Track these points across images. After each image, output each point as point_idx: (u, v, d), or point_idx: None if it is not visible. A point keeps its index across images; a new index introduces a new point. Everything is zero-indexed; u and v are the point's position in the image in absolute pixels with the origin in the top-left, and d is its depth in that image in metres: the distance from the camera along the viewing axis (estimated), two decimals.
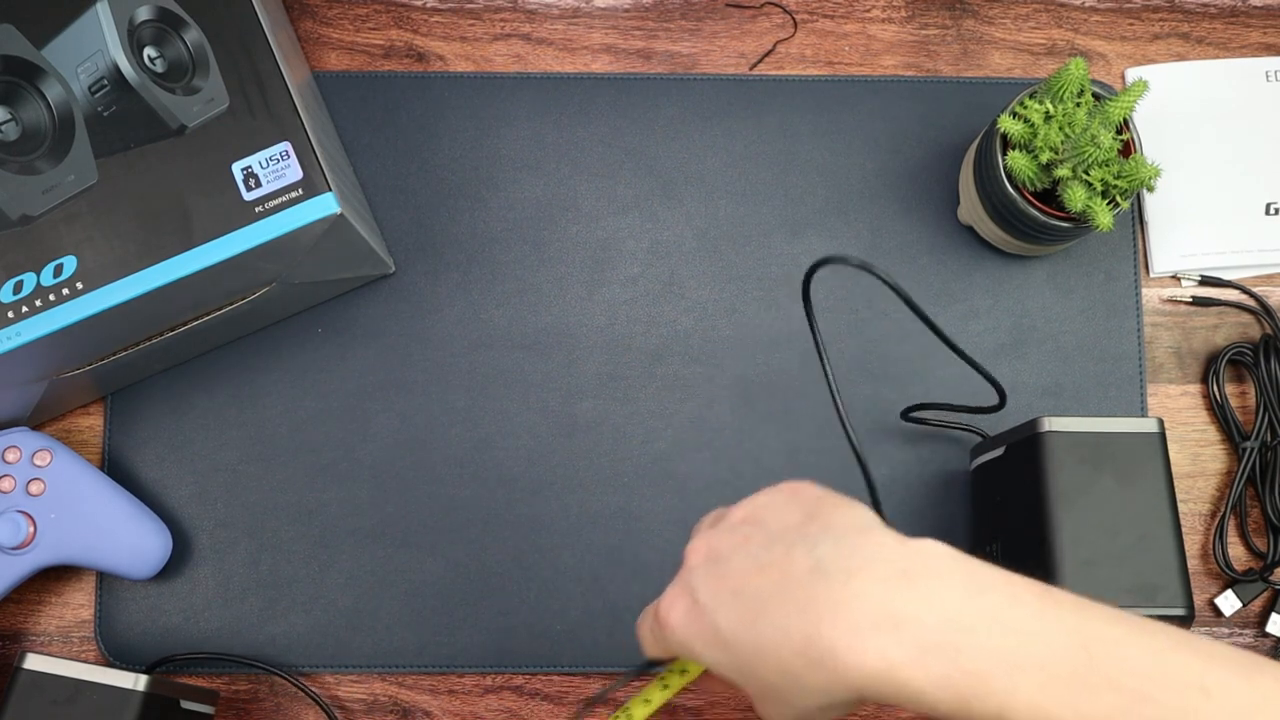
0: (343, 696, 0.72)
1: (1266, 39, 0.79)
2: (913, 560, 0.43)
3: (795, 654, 0.43)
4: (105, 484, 0.70)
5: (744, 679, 0.46)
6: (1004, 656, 0.40)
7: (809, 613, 0.42)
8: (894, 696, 0.41)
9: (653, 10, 0.79)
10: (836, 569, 0.43)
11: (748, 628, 0.45)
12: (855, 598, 0.42)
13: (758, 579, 0.45)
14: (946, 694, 0.40)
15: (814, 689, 0.43)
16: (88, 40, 0.64)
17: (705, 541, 0.49)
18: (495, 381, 0.74)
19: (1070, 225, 0.67)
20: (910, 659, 0.41)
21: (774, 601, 0.44)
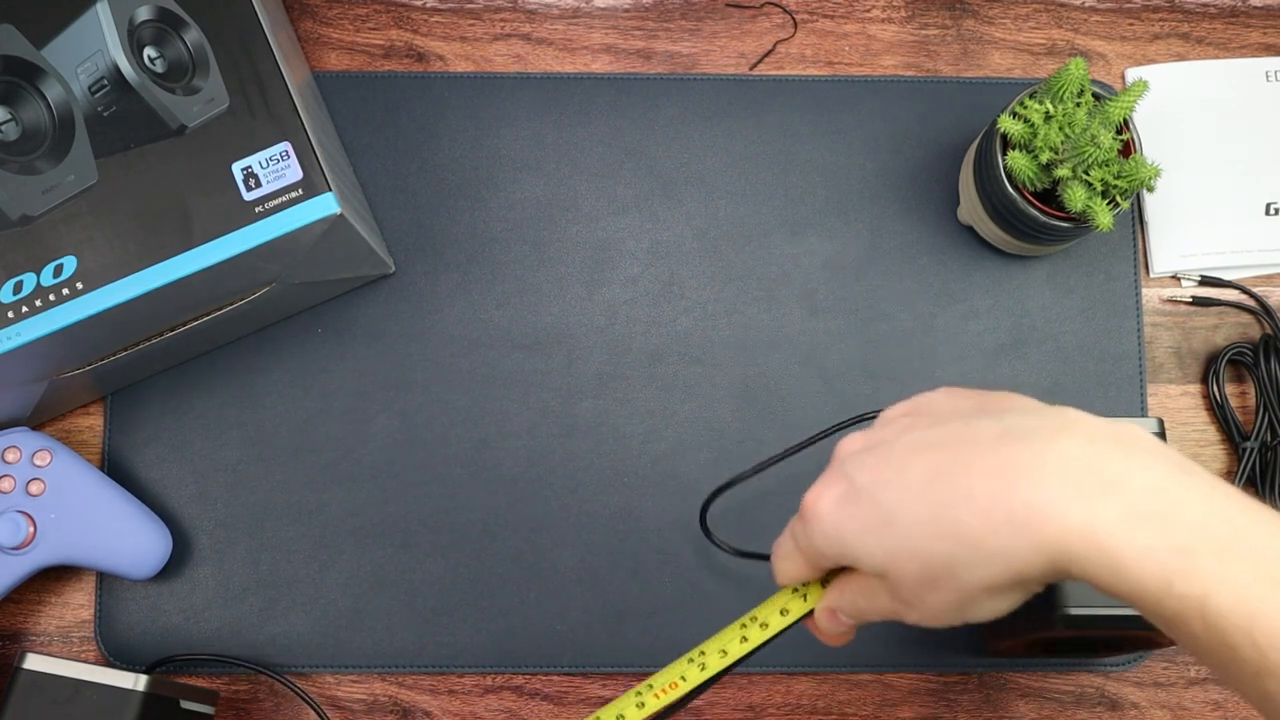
0: (343, 696, 0.72)
1: (1266, 39, 0.79)
2: (1119, 432, 0.40)
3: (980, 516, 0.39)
4: (105, 484, 0.70)
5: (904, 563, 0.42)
6: (1216, 541, 0.37)
7: (1000, 474, 0.39)
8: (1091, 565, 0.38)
9: (653, 10, 0.79)
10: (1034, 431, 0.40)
11: (919, 498, 0.41)
12: (1061, 457, 0.39)
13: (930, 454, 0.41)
14: (1150, 569, 0.37)
15: (996, 555, 0.39)
16: (88, 40, 0.64)
17: (861, 435, 0.45)
18: (495, 381, 0.74)
19: (1070, 225, 0.67)
20: (1118, 523, 0.37)
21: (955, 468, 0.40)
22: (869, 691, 0.72)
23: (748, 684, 0.72)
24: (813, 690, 0.72)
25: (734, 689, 0.72)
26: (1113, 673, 0.73)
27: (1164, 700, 0.72)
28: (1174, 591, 0.37)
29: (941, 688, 0.72)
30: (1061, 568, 0.39)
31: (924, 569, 0.42)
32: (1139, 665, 0.72)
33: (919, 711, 0.72)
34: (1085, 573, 0.39)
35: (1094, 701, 0.72)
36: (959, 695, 0.72)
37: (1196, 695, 0.72)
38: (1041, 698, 0.72)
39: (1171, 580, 0.37)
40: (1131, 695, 0.72)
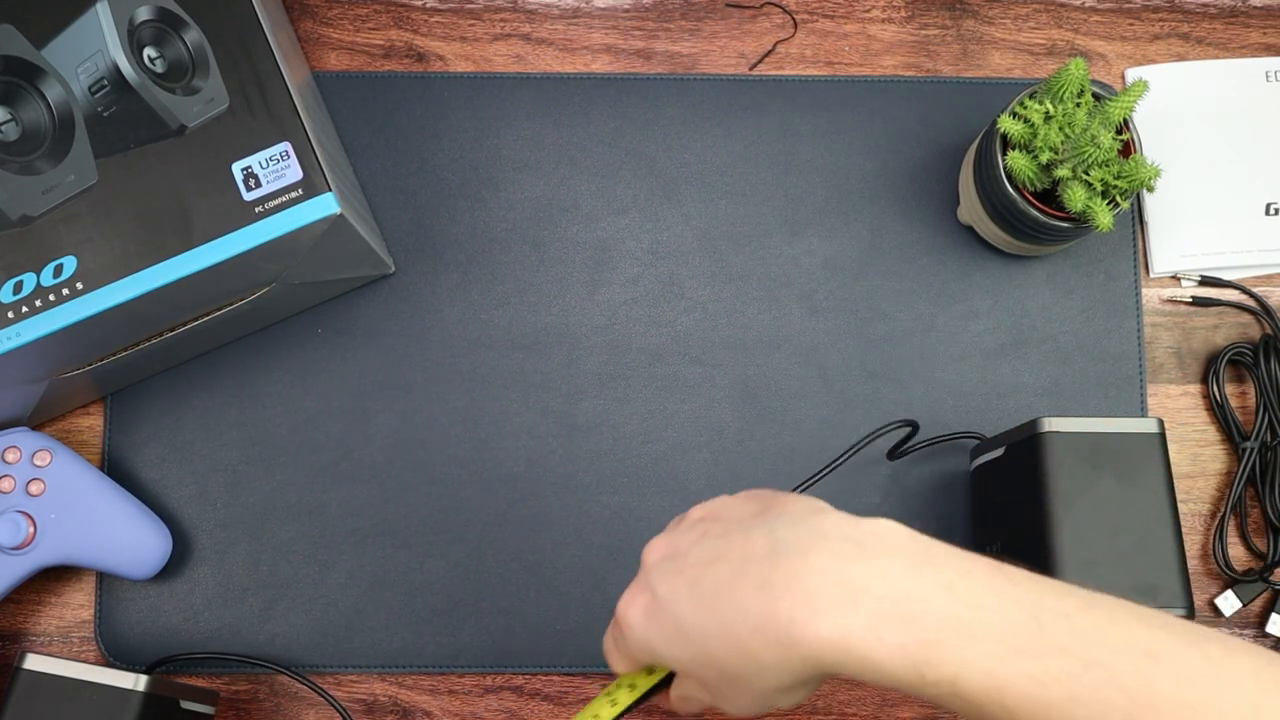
0: (343, 696, 0.72)
1: (1266, 39, 0.79)
2: (866, 535, 0.44)
3: (753, 632, 0.43)
4: (105, 484, 0.70)
5: (704, 669, 0.46)
6: (957, 626, 0.41)
7: (766, 591, 0.43)
8: (851, 668, 0.42)
9: (653, 10, 0.79)
10: (792, 547, 0.44)
11: (706, 613, 0.45)
12: (811, 572, 0.43)
13: (715, 567, 0.45)
14: (902, 663, 0.41)
15: (773, 667, 0.43)
16: (88, 40, 0.64)
17: (663, 540, 0.50)
18: (495, 381, 0.74)
19: (1070, 225, 0.67)
20: (865, 629, 0.41)
21: (732, 584, 0.44)
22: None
23: None
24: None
25: None
26: None
27: None
28: (927, 680, 0.41)
29: None
30: (830, 670, 0.43)
31: (720, 675, 0.46)
32: None
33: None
34: (849, 673, 0.42)
35: None
36: None
37: None
38: None
39: (922, 671, 0.41)
40: None
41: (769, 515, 0.47)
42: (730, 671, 0.45)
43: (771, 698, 0.46)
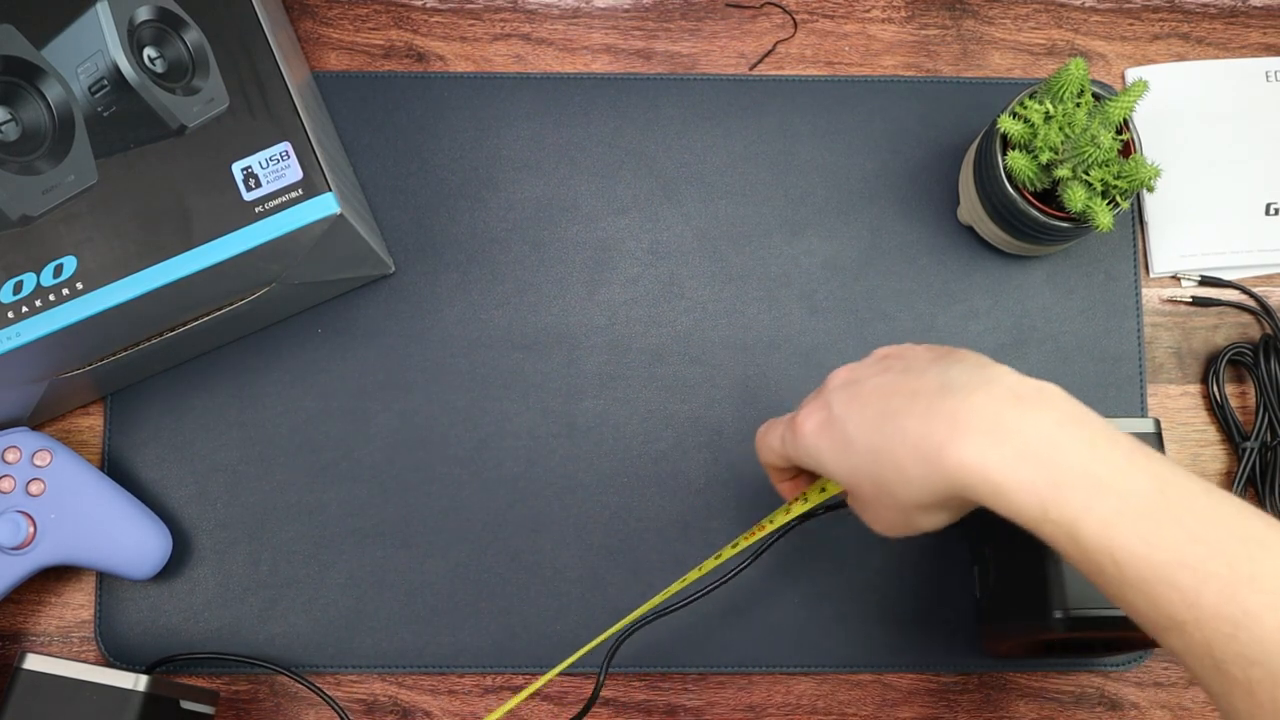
0: (342, 696, 0.72)
1: (1266, 39, 0.79)
2: (1028, 389, 0.49)
3: (908, 450, 0.49)
4: (105, 484, 0.70)
5: (860, 480, 0.52)
6: (1088, 479, 0.46)
7: (927, 418, 0.49)
8: (983, 493, 0.47)
9: (653, 10, 0.79)
10: (960, 387, 0.49)
11: (873, 431, 0.51)
12: (970, 409, 0.48)
13: (889, 396, 0.52)
14: (1029, 499, 0.46)
15: (917, 482, 0.49)
16: (88, 40, 0.64)
17: (847, 369, 0.56)
18: (495, 381, 0.74)
19: (1070, 225, 0.67)
20: (1004, 462, 0.46)
21: (899, 411, 0.50)
22: (869, 691, 0.72)
23: (748, 684, 0.72)
24: (813, 690, 0.72)
25: (734, 689, 0.72)
26: (1113, 673, 0.73)
27: (1164, 700, 0.72)
28: (1049, 517, 0.46)
29: (941, 688, 0.72)
30: (965, 495, 0.48)
31: (873, 486, 0.52)
32: (1139, 665, 0.72)
33: (919, 711, 0.72)
34: (980, 498, 0.48)
35: (1094, 701, 0.72)
36: (959, 695, 0.72)
37: (1196, 695, 0.72)
38: (1041, 698, 0.72)
39: (1046, 510, 0.46)
40: (1131, 695, 0.72)
41: (946, 361, 0.52)
42: (882, 483, 0.51)
43: (913, 515, 0.52)
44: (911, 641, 0.72)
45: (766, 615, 0.72)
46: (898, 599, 0.72)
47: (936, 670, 0.72)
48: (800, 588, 0.73)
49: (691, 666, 0.72)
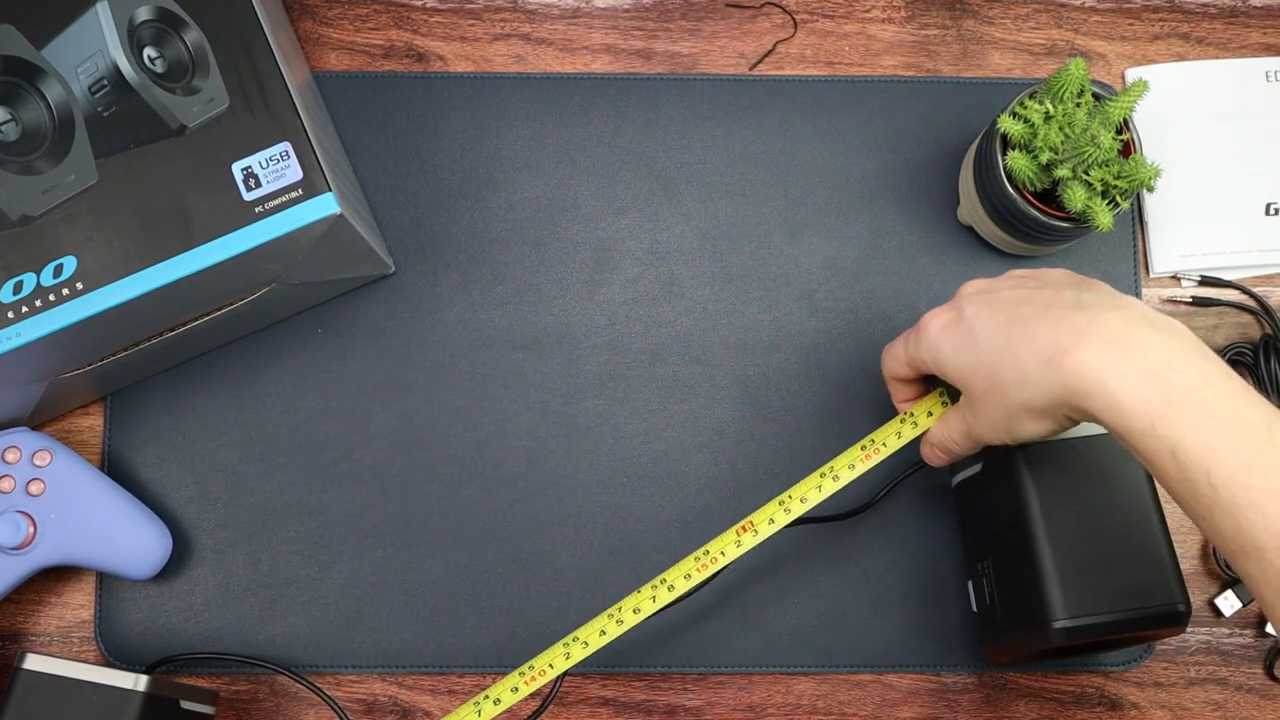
0: (342, 696, 0.72)
1: (1266, 39, 0.79)
2: (1159, 319, 0.52)
3: (1032, 352, 0.53)
4: (105, 484, 0.70)
5: (975, 377, 0.56)
6: (1200, 403, 0.48)
7: (1058, 327, 0.52)
8: (1096, 401, 0.50)
9: (653, 10, 0.79)
10: (1094, 305, 0.53)
11: (1000, 333, 0.55)
12: (1100, 324, 0.51)
13: (1021, 306, 0.55)
14: (1141, 411, 0.49)
15: (1034, 381, 0.53)
16: (88, 40, 0.64)
17: (983, 280, 0.61)
18: (495, 381, 0.74)
19: (1070, 225, 0.67)
20: (1124, 374, 0.50)
21: (1029, 318, 0.54)
22: (869, 691, 0.72)
23: (748, 684, 0.72)
24: (813, 690, 0.72)
25: (734, 689, 0.72)
26: (1113, 673, 0.73)
27: (1164, 700, 0.72)
28: (1155, 431, 0.49)
29: (941, 688, 0.72)
30: (1077, 403, 0.51)
31: (987, 383, 0.56)
32: (1139, 665, 0.72)
33: (919, 711, 0.72)
34: (1092, 407, 0.51)
35: (1094, 701, 0.72)
36: (959, 695, 0.72)
37: (1196, 695, 0.72)
38: (1041, 698, 0.72)
39: (1155, 424, 0.49)
40: (1131, 695, 0.72)
41: (1082, 285, 0.56)
42: (997, 381, 0.55)
43: (1018, 418, 0.55)
44: (911, 641, 0.72)
45: (766, 615, 0.72)
46: (898, 600, 0.72)
47: (936, 670, 0.72)
48: (800, 588, 0.73)
49: (691, 666, 0.72)
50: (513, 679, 0.65)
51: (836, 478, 0.65)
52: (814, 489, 0.65)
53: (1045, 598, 0.61)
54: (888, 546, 0.73)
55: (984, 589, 0.67)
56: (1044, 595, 0.61)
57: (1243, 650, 0.73)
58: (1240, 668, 0.73)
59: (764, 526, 0.65)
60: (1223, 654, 0.73)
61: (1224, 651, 0.73)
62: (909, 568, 0.73)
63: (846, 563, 0.73)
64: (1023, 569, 0.63)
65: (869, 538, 0.73)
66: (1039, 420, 0.55)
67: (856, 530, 0.73)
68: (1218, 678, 0.73)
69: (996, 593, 0.66)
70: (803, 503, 0.65)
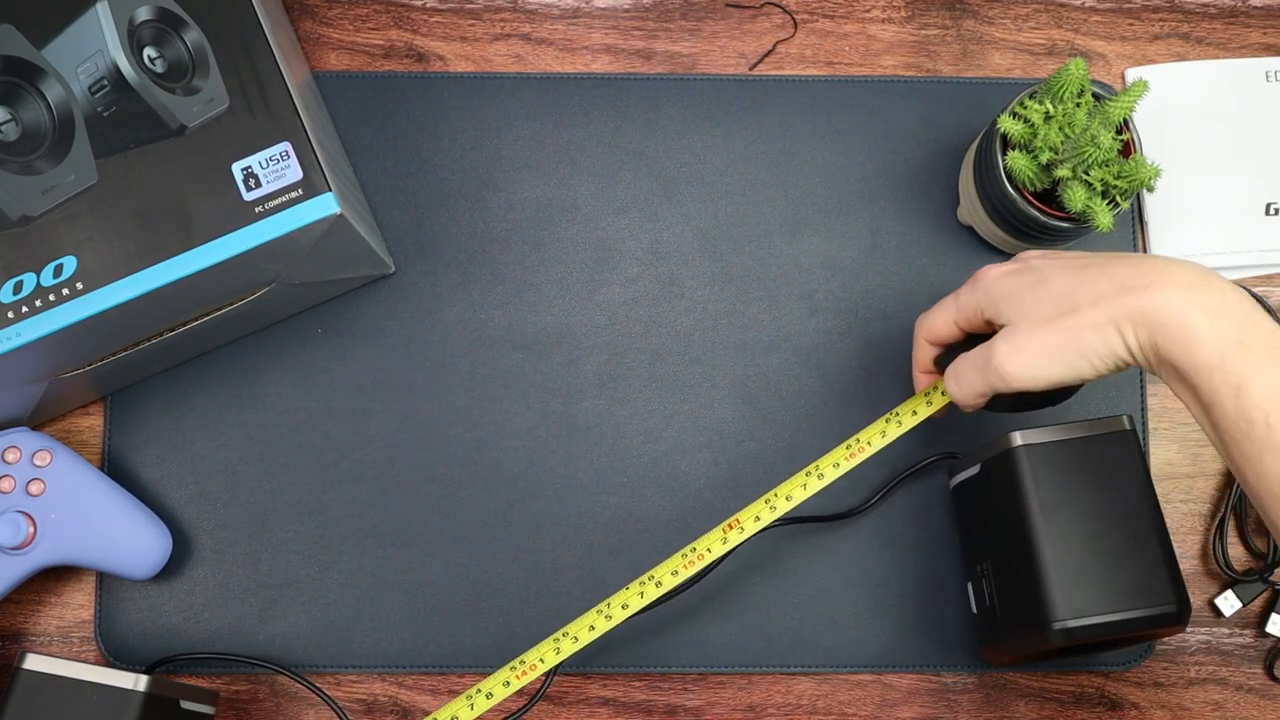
0: (342, 696, 0.72)
1: (1266, 39, 0.79)
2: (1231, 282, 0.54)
3: (1111, 283, 0.54)
4: (105, 484, 0.70)
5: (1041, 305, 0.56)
6: (1270, 351, 0.51)
7: (1138, 265, 0.54)
8: (1171, 333, 0.52)
9: (653, 10, 0.79)
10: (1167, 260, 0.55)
11: (1074, 272, 0.56)
12: (1179, 268, 0.53)
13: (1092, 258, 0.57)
14: (1213, 347, 0.51)
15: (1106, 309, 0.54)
16: (88, 40, 0.64)
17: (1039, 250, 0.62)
18: (495, 381, 0.74)
19: (1070, 225, 0.67)
20: (1203, 312, 0.52)
21: (1106, 262, 0.56)
22: (869, 691, 0.72)
23: (748, 684, 0.72)
24: (813, 690, 0.72)
25: (734, 689, 0.72)
26: (1113, 673, 0.73)
27: (1164, 700, 0.72)
28: (1225, 367, 0.51)
29: (941, 688, 0.72)
30: (1148, 332, 0.53)
31: (1055, 307, 0.56)
32: (1139, 665, 0.72)
33: (919, 711, 0.72)
34: (1163, 338, 0.52)
35: (1094, 701, 0.72)
36: (959, 695, 0.72)
37: (1196, 695, 0.72)
38: (1041, 698, 0.72)
39: (1225, 360, 0.51)
40: (1131, 695, 0.72)
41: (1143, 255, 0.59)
42: (1067, 300, 0.55)
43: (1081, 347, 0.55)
44: (911, 641, 0.72)
45: (766, 615, 0.72)
46: (898, 599, 0.72)
47: (936, 670, 0.72)
48: (800, 588, 0.73)
49: (691, 666, 0.72)
50: (504, 674, 0.65)
51: (822, 476, 0.66)
52: (799, 487, 0.66)
53: (1045, 599, 0.61)
54: (888, 546, 0.73)
55: (983, 590, 0.67)
56: (1043, 596, 0.61)
57: (1243, 650, 0.73)
58: (1240, 668, 0.73)
59: (750, 524, 0.66)
60: (1223, 654, 0.73)
61: (1224, 651, 0.73)
62: (909, 568, 0.73)
63: (846, 563, 0.73)
64: (1022, 570, 0.63)
65: (869, 538, 0.73)
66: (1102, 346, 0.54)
67: (857, 530, 0.73)
68: (1218, 678, 0.73)
69: (996, 594, 0.66)
70: (788, 500, 0.66)
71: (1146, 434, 0.75)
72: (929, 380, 0.66)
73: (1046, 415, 0.73)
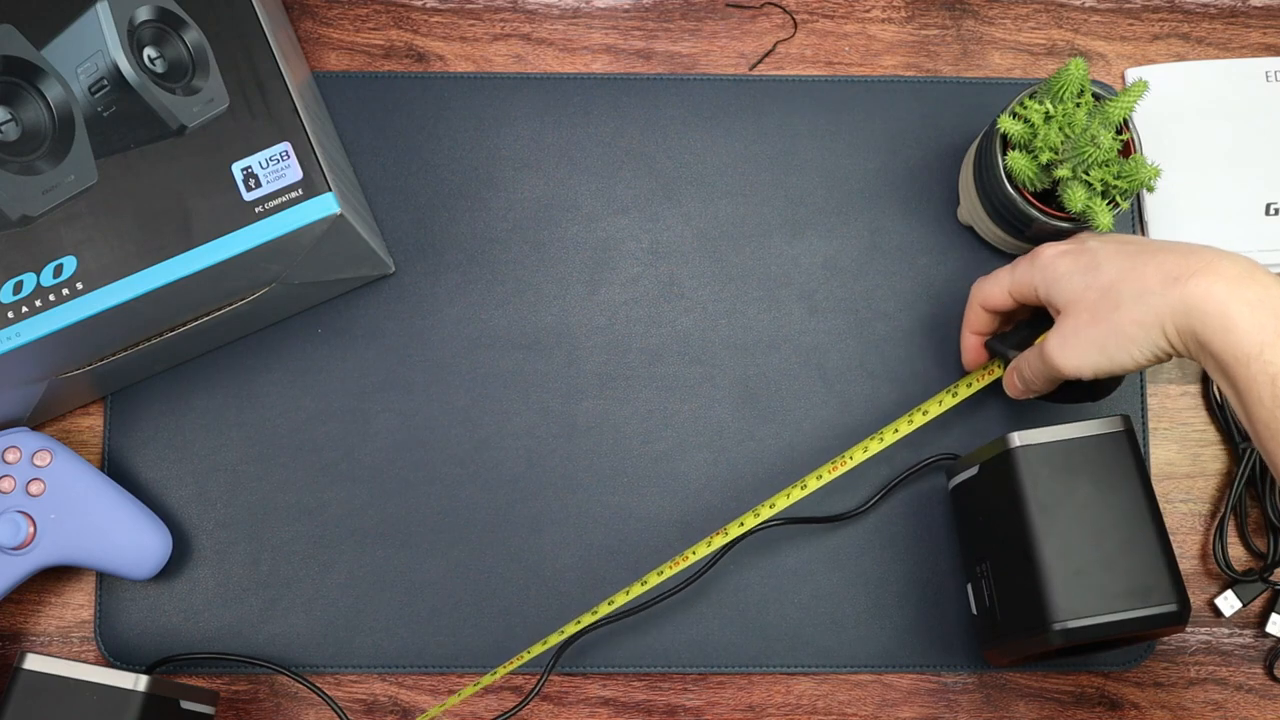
0: (342, 696, 0.72)
1: (1266, 39, 0.79)
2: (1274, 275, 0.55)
3: (1158, 271, 0.56)
4: (105, 484, 0.70)
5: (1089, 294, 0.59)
6: None
7: (1188, 257, 0.56)
8: (1210, 324, 0.54)
9: (653, 10, 0.79)
10: (1217, 252, 0.56)
11: (1126, 257, 0.58)
12: (1227, 260, 0.55)
13: (1147, 243, 0.59)
14: (1252, 337, 0.52)
15: (1154, 296, 0.56)
16: (88, 40, 0.64)
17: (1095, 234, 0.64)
18: (495, 381, 0.74)
19: (1070, 225, 0.67)
20: (1244, 302, 0.53)
21: (1158, 250, 0.58)
22: (869, 691, 0.72)
23: (748, 684, 0.72)
24: (813, 690, 0.72)
25: (734, 689, 0.72)
26: (1113, 673, 0.73)
27: (1164, 700, 0.72)
28: (1262, 356, 0.52)
29: (941, 688, 0.72)
30: (1191, 322, 0.54)
31: (1101, 297, 0.58)
32: (1139, 665, 0.72)
33: (919, 711, 0.72)
34: (1205, 328, 0.54)
35: (1094, 701, 0.72)
36: (959, 695, 0.72)
37: (1196, 695, 0.72)
38: (1041, 698, 0.72)
39: (1264, 349, 0.52)
40: (1131, 695, 0.72)
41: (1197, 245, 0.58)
42: (1114, 293, 0.57)
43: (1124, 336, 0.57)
44: (911, 641, 0.72)
45: (766, 615, 0.72)
46: (898, 599, 0.72)
47: (936, 670, 0.72)
48: (800, 588, 0.73)
49: (691, 666, 0.72)
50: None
51: (804, 486, 0.69)
52: (784, 497, 0.69)
53: (1044, 600, 0.61)
54: (887, 547, 0.73)
55: (983, 591, 0.67)
56: (1043, 597, 0.61)
57: (1243, 650, 0.73)
58: (1240, 668, 0.73)
59: (734, 528, 0.68)
60: (1223, 654, 0.73)
61: (1224, 651, 0.73)
62: (909, 568, 0.73)
63: (846, 563, 0.73)
64: (1021, 571, 0.63)
65: (869, 538, 0.73)
66: (1143, 338, 0.56)
67: (857, 531, 0.73)
68: (1218, 678, 0.73)
69: (996, 595, 0.66)
70: (771, 507, 0.68)
71: (1146, 434, 0.75)
72: (977, 343, 0.69)
73: (1044, 417, 0.73)
